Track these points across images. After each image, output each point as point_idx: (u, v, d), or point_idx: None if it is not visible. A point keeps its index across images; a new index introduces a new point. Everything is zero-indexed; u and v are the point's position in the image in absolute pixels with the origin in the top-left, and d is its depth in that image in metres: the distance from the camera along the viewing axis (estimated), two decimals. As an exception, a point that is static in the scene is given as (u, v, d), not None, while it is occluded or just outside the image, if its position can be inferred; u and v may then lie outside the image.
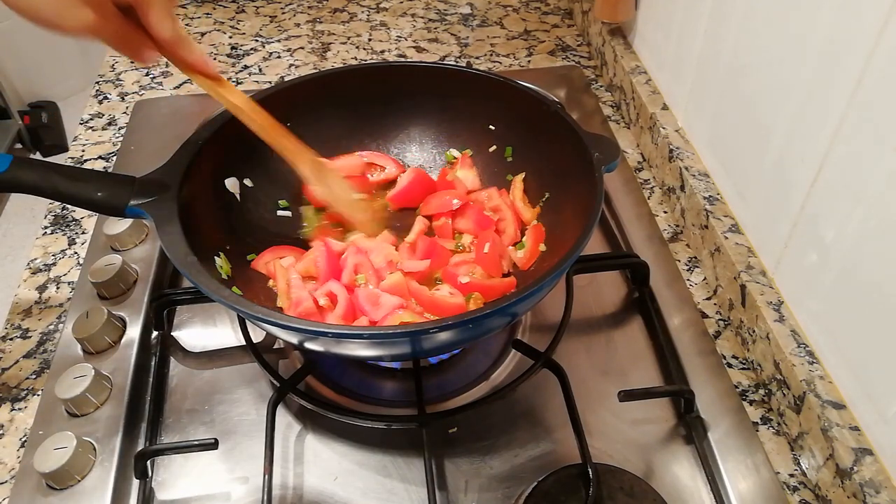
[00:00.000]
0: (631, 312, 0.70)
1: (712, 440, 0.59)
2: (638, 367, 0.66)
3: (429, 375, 0.64)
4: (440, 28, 1.10)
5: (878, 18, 0.47)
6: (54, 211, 0.81)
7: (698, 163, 0.75)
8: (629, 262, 0.71)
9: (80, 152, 0.89)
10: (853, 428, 0.53)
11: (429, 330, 0.49)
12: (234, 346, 0.67)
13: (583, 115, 0.92)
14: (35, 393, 0.64)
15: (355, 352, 0.56)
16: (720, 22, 0.68)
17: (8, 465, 0.59)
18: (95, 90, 0.99)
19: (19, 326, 0.69)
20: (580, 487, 0.54)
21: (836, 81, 0.52)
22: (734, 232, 0.68)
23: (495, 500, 0.56)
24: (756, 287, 0.63)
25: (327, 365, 0.65)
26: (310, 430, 0.61)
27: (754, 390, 0.63)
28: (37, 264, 0.75)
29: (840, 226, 0.53)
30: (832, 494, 0.53)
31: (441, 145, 0.75)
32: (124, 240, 0.74)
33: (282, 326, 0.49)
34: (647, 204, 0.79)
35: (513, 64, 1.02)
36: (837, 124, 0.52)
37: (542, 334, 0.67)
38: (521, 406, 0.63)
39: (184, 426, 0.62)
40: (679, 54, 0.79)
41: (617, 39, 0.94)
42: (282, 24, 1.12)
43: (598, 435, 0.60)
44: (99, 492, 0.56)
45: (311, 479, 0.58)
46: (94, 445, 0.58)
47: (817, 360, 0.57)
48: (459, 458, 0.59)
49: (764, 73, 0.62)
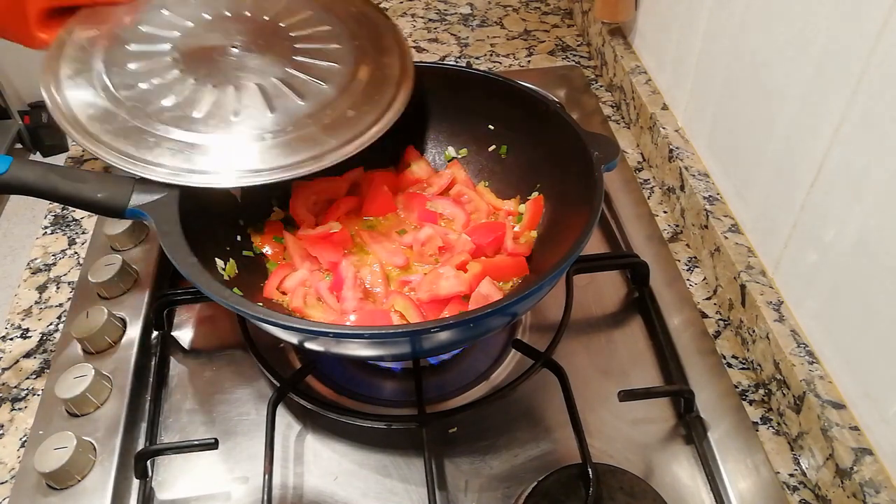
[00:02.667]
0: (631, 312, 0.70)
1: (712, 440, 0.59)
2: (638, 367, 0.66)
3: (429, 375, 0.64)
4: (440, 28, 1.10)
5: (877, 18, 0.47)
6: (54, 211, 0.81)
7: (698, 163, 0.75)
8: (629, 262, 0.71)
9: (80, 152, 0.89)
10: (853, 428, 0.53)
11: (429, 329, 0.49)
12: (234, 346, 0.67)
13: (583, 115, 0.92)
14: (35, 393, 0.64)
15: (355, 352, 0.56)
16: (720, 22, 0.68)
17: (8, 465, 0.59)
18: (95, 90, 0.99)
19: (19, 326, 0.69)
20: (580, 487, 0.54)
21: (836, 81, 0.52)
22: (734, 232, 0.68)
23: (495, 500, 0.56)
24: (756, 287, 0.63)
25: (327, 365, 0.65)
26: (310, 430, 0.61)
27: (754, 390, 0.63)
28: (37, 264, 0.75)
29: (840, 226, 0.53)
30: (832, 494, 0.53)
31: (440, 145, 0.75)
32: (124, 240, 0.74)
33: (282, 326, 0.49)
34: (647, 204, 0.79)
35: (513, 64, 1.02)
36: (837, 124, 0.52)
37: (542, 334, 0.67)
38: (521, 406, 0.63)
39: (184, 426, 0.62)
40: (679, 54, 0.79)
41: (617, 39, 0.94)
42: (282, 24, 1.12)
43: (598, 435, 0.60)
44: (99, 492, 0.56)
45: (311, 479, 0.58)
46: (94, 445, 0.58)
47: (817, 360, 0.57)
48: (459, 458, 0.59)
49: (764, 73, 0.62)
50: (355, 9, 0.67)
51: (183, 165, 0.53)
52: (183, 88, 0.57)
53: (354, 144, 0.56)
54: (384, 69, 0.62)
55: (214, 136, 0.55)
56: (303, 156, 0.54)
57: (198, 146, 0.54)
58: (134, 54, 0.59)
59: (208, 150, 0.54)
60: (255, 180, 0.54)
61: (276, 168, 0.54)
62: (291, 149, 0.55)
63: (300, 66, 0.60)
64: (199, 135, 0.55)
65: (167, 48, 0.60)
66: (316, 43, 0.62)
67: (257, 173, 0.53)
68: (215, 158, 0.54)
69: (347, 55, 0.62)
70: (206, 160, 0.54)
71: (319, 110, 0.57)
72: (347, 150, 0.56)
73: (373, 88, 0.60)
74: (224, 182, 0.54)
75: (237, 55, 0.61)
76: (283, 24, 0.64)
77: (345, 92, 0.59)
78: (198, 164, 0.53)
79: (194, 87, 0.57)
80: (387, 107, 0.59)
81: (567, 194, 0.64)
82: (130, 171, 0.53)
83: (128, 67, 0.58)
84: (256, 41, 0.62)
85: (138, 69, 0.58)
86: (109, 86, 0.57)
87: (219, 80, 0.58)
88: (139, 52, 0.60)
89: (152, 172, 0.53)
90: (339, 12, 0.66)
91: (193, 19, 0.63)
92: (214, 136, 0.55)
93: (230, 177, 0.54)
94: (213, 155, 0.54)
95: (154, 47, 0.60)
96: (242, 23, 0.64)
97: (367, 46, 0.63)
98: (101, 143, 0.54)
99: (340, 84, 0.59)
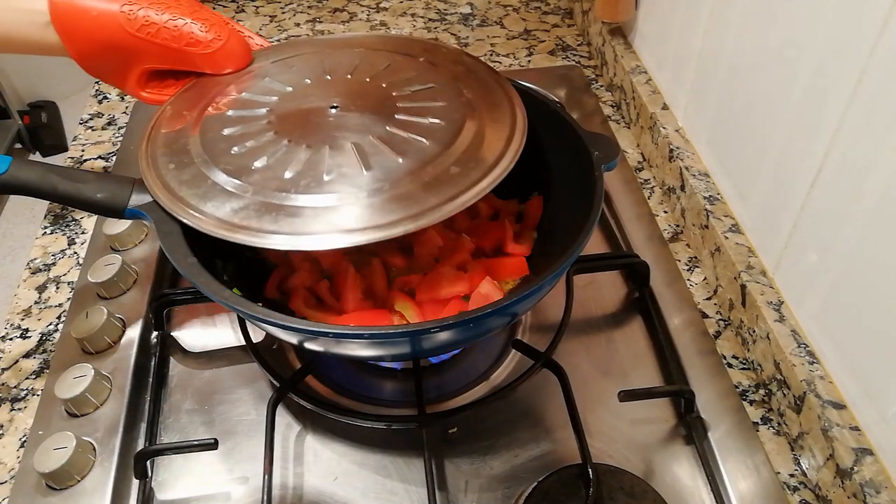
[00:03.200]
0: (631, 312, 0.70)
1: (712, 440, 0.59)
2: (638, 367, 0.66)
3: (429, 375, 0.64)
4: (440, 28, 1.10)
5: (878, 18, 0.47)
6: (54, 211, 0.81)
7: (698, 162, 0.75)
8: (629, 262, 0.71)
9: (79, 152, 0.89)
10: (853, 428, 0.53)
11: (429, 329, 0.49)
12: (234, 346, 0.67)
13: (583, 115, 0.92)
14: (35, 393, 0.64)
15: (355, 352, 0.56)
16: (720, 22, 0.68)
17: (7, 466, 0.59)
18: (95, 90, 0.99)
19: (19, 326, 0.69)
20: (580, 487, 0.54)
21: (837, 81, 0.52)
22: (734, 232, 0.68)
23: (495, 500, 0.56)
24: (756, 287, 0.63)
25: (327, 365, 0.65)
26: (309, 430, 0.61)
27: (754, 390, 0.63)
28: (36, 264, 0.75)
29: (840, 225, 0.53)
30: (832, 494, 0.53)
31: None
32: (124, 240, 0.74)
33: (282, 326, 0.49)
34: (647, 204, 0.79)
35: (513, 64, 1.02)
36: (837, 124, 0.52)
37: (542, 334, 0.67)
38: (521, 406, 0.63)
39: (183, 426, 0.62)
40: (679, 54, 0.79)
41: (617, 39, 0.94)
42: (282, 24, 1.12)
43: (598, 435, 0.60)
44: (99, 492, 0.56)
45: (311, 480, 0.58)
46: (93, 445, 0.58)
47: (817, 360, 0.57)
48: (459, 458, 0.59)
49: (764, 72, 0.62)
50: (463, 66, 0.65)
51: (269, 227, 0.50)
52: (276, 150, 0.55)
53: (457, 203, 0.52)
54: (493, 125, 0.58)
55: (306, 196, 0.52)
56: (399, 215, 0.50)
57: (287, 207, 0.51)
58: (230, 119, 0.58)
59: (300, 212, 0.51)
60: (346, 241, 0.49)
61: (370, 227, 0.50)
62: (388, 208, 0.51)
63: (401, 124, 0.57)
64: (289, 195, 0.52)
65: (263, 112, 0.58)
66: (419, 101, 0.60)
67: (350, 233, 0.50)
68: (306, 220, 0.51)
69: (453, 112, 0.59)
70: (298, 222, 0.51)
71: (419, 168, 0.54)
72: (449, 208, 0.51)
73: (479, 145, 0.56)
74: (310, 245, 0.50)
75: (334, 115, 0.58)
76: (384, 84, 0.62)
77: (448, 149, 0.55)
78: (286, 227, 0.50)
79: (288, 148, 0.55)
80: (494, 163, 0.55)
81: (567, 194, 0.64)
82: (225, 236, 0.50)
83: (223, 133, 0.57)
84: (356, 101, 0.59)
85: (233, 133, 0.57)
86: (203, 153, 0.55)
87: (314, 140, 0.56)
88: (235, 118, 0.58)
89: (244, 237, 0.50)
90: (444, 70, 0.64)
91: (293, 84, 0.62)
92: (306, 196, 0.52)
93: (313, 241, 0.50)
94: (305, 216, 0.51)
95: (251, 112, 0.59)
96: (343, 85, 0.62)
97: (474, 102, 0.60)
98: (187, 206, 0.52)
99: (444, 141, 0.56)
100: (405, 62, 0.65)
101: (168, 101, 0.62)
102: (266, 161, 0.54)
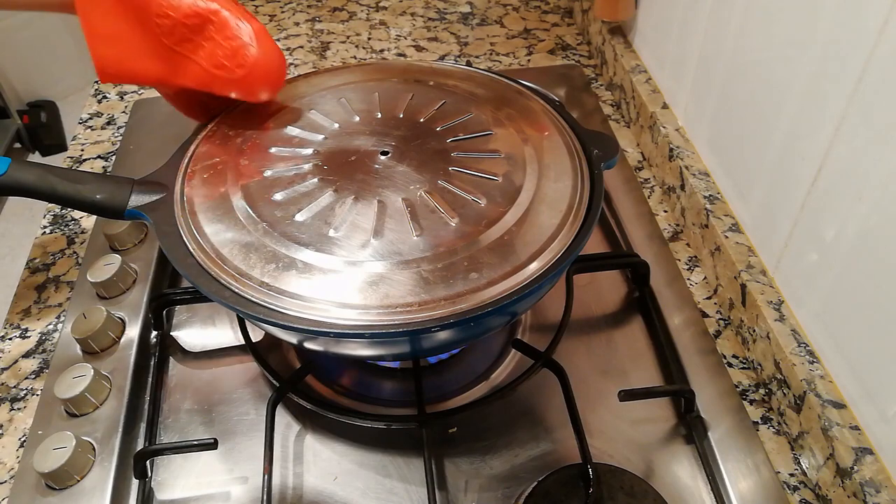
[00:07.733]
0: (631, 312, 0.70)
1: (712, 440, 0.58)
2: (638, 366, 0.66)
3: (429, 375, 0.64)
4: (440, 27, 1.10)
5: (878, 18, 0.47)
6: (53, 210, 0.81)
7: (698, 162, 0.75)
8: (629, 262, 0.71)
9: (79, 152, 0.89)
10: (853, 427, 0.53)
11: (429, 329, 0.49)
12: (234, 346, 0.67)
13: (583, 114, 0.92)
14: (34, 393, 0.64)
15: (355, 351, 0.56)
16: (720, 21, 0.68)
17: (7, 465, 0.59)
18: (94, 89, 0.99)
19: (18, 326, 0.69)
20: (580, 487, 0.54)
21: (837, 80, 0.52)
22: (734, 231, 0.68)
23: (495, 500, 0.56)
24: (756, 286, 0.63)
25: (327, 364, 0.65)
26: (309, 430, 0.61)
27: (754, 390, 0.63)
28: (36, 264, 0.75)
29: (840, 225, 0.53)
30: (832, 494, 0.53)
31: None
32: (123, 239, 0.74)
33: (282, 326, 0.49)
34: (647, 203, 0.79)
35: (513, 63, 1.02)
36: (837, 123, 0.52)
37: (542, 334, 0.67)
38: (521, 406, 0.62)
39: (183, 426, 0.62)
40: (679, 53, 0.78)
41: (617, 38, 0.94)
42: (281, 24, 1.12)
43: (598, 435, 0.60)
44: (98, 492, 0.56)
45: (311, 479, 0.58)
46: (93, 445, 0.58)
47: (817, 360, 0.57)
48: (459, 458, 0.59)
49: (764, 72, 0.62)
50: (522, 103, 0.60)
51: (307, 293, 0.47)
52: (321, 200, 0.52)
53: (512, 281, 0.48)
54: (556, 181, 0.54)
55: (349, 259, 0.49)
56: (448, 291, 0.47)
57: (331, 271, 0.48)
58: (273, 158, 0.55)
59: (341, 278, 0.49)
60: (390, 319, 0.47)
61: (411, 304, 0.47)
62: (435, 284, 0.48)
63: (454, 178, 0.53)
64: (332, 258, 0.49)
65: (309, 153, 0.55)
66: (475, 151, 0.56)
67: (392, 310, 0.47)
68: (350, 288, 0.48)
69: (511, 165, 0.54)
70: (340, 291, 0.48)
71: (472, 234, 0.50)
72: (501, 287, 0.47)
73: (539, 208, 0.52)
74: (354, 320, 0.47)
75: (383, 163, 0.55)
76: (439, 128, 0.58)
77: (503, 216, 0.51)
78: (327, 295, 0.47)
79: (333, 199, 0.52)
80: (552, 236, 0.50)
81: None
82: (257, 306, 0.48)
83: (265, 175, 0.54)
84: (408, 147, 0.56)
85: (273, 175, 0.54)
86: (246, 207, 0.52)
87: (362, 192, 0.52)
88: (278, 156, 0.55)
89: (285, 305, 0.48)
90: (506, 109, 0.59)
91: (341, 121, 0.59)
92: (349, 259, 0.49)
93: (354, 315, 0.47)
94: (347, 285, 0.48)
95: (295, 151, 0.56)
96: (394, 126, 0.58)
97: (535, 154, 0.55)
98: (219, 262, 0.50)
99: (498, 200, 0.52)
100: (462, 101, 0.62)
101: (210, 124, 0.61)
102: (308, 214, 0.51)
